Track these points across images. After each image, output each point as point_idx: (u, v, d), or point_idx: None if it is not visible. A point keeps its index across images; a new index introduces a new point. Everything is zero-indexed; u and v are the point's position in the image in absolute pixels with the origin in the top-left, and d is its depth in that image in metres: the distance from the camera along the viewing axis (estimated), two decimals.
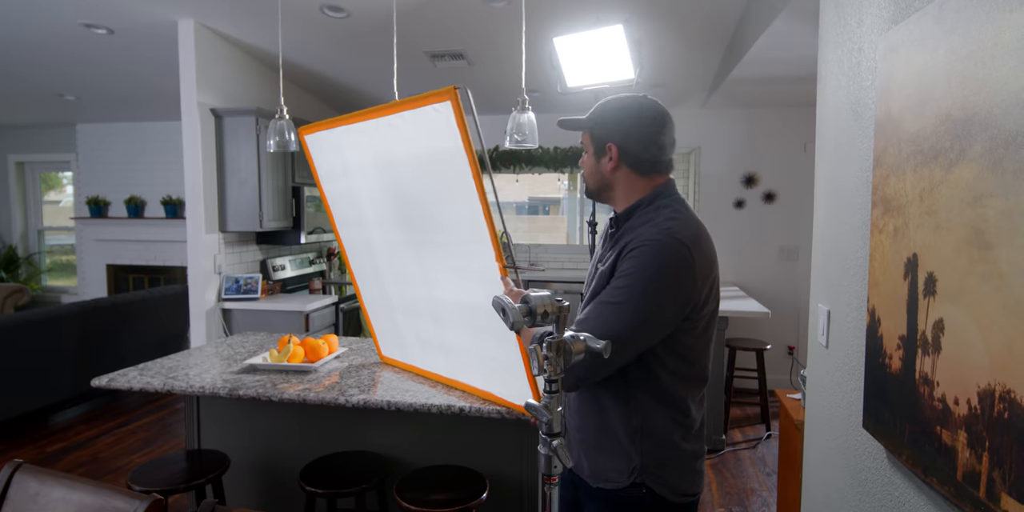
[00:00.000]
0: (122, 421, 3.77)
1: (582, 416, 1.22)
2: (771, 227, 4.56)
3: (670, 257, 1.07)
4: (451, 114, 1.40)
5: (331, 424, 2.06)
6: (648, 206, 1.19)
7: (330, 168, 2.01)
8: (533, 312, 0.84)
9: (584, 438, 1.21)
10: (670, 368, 1.14)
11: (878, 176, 1.21)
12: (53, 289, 6.29)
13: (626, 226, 1.20)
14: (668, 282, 1.07)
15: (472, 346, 1.74)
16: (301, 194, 3.87)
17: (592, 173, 1.24)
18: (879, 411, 1.16)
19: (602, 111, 1.23)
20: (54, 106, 5.04)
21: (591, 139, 1.23)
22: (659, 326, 1.09)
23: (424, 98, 1.45)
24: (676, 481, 1.16)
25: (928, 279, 0.99)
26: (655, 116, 1.20)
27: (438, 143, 1.48)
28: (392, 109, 1.57)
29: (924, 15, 1.05)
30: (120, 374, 1.94)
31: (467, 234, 1.53)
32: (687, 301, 1.10)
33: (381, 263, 1.99)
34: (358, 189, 1.91)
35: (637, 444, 1.15)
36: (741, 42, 3.11)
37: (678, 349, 1.14)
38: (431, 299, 1.83)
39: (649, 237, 1.09)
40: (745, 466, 3.18)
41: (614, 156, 1.20)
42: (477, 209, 1.45)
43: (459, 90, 1.38)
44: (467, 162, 1.42)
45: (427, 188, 1.63)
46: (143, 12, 3.09)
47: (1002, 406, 0.78)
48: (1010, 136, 0.79)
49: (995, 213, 0.82)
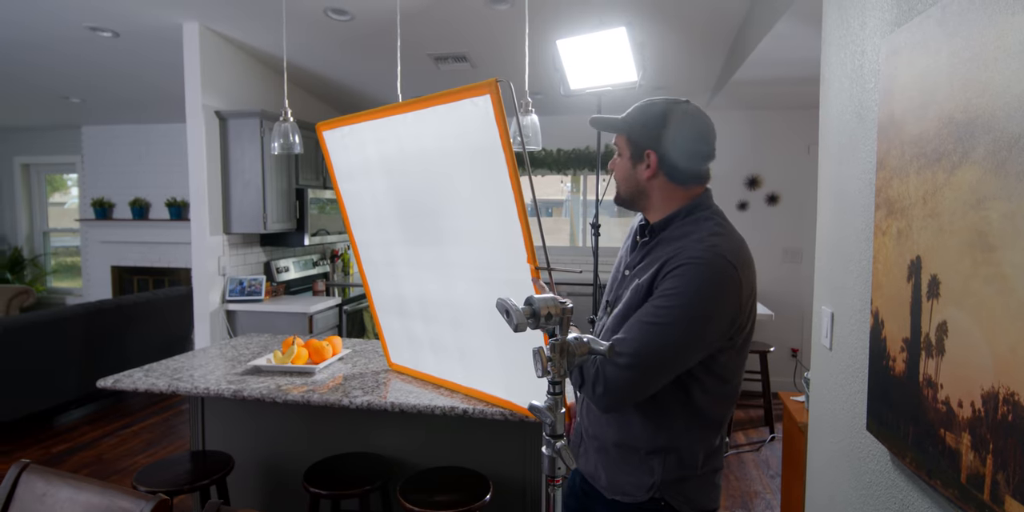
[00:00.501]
0: (127, 422, 3.78)
1: (603, 426, 1.18)
2: (774, 229, 4.56)
3: (717, 278, 1.03)
4: (490, 108, 1.33)
5: (335, 425, 2.07)
6: (686, 217, 1.15)
7: (349, 166, 1.94)
8: (537, 314, 0.84)
9: (603, 448, 1.18)
10: (706, 387, 1.10)
11: (881, 178, 1.21)
12: (58, 291, 6.32)
13: (662, 236, 1.15)
14: (714, 304, 1.03)
15: (495, 353, 1.68)
16: (305, 196, 3.88)
17: (626, 178, 1.19)
18: (883, 413, 1.16)
19: (642, 114, 1.17)
20: (59, 108, 5.07)
21: (627, 142, 1.17)
22: (702, 348, 1.05)
23: (462, 91, 1.38)
24: (696, 496, 1.13)
25: (932, 281, 0.99)
26: (698, 125, 1.16)
27: (473, 139, 1.41)
28: (425, 103, 1.50)
29: (927, 18, 1.05)
30: (125, 375, 1.95)
31: (498, 235, 1.47)
32: (732, 322, 1.06)
33: (399, 265, 1.92)
34: (379, 187, 1.84)
35: (660, 461, 1.11)
36: (744, 44, 3.12)
37: (715, 368, 1.10)
38: (453, 303, 1.76)
39: (695, 255, 1.04)
40: (749, 469, 3.17)
41: (652, 164, 1.15)
42: (511, 209, 1.39)
43: (500, 83, 1.31)
44: (504, 159, 1.35)
45: (458, 186, 1.56)
46: (148, 15, 3.11)
47: (1006, 409, 0.78)
48: (1013, 138, 0.80)
49: (998, 216, 0.82)
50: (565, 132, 4.75)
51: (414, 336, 2.00)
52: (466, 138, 1.45)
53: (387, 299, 2.07)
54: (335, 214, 4.29)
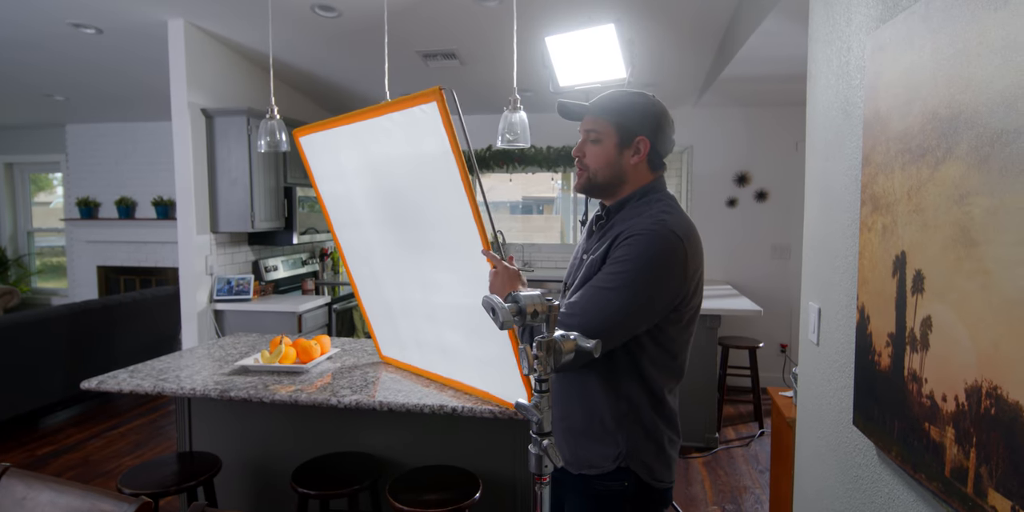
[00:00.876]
0: (113, 423, 3.74)
1: (567, 403, 1.23)
2: (763, 225, 4.58)
3: (664, 247, 1.10)
4: (437, 115, 1.40)
5: (323, 425, 2.05)
6: (640, 199, 1.21)
7: (325, 170, 2.00)
8: (523, 311, 0.83)
9: (569, 426, 1.23)
10: (652, 357, 1.17)
11: (867, 174, 1.22)
12: (43, 291, 6.24)
13: (616, 218, 1.22)
14: (661, 271, 1.10)
15: (467, 346, 1.74)
16: (293, 194, 3.85)
17: (608, 164, 1.22)
18: (869, 408, 1.16)
19: (626, 103, 1.22)
20: (43, 107, 5.00)
21: (616, 128, 1.21)
22: (649, 313, 1.11)
23: (411, 99, 1.45)
24: (656, 468, 1.20)
25: (916, 277, 1.00)
26: (670, 115, 1.25)
27: (426, 144, 1.48)
28: (381, 110, 1.57)
29: (911, 14, 1.05)
30: (110, 376, 1.93)
31: (459, 234, 1.53)
32: (677, 292, 1.13)
33: (378, 265, 1.98)
34: (353, 191, 1.90)
35: (624, 430, 1.17)
36: (732, 41, 3.12)
37: (662, 340, 1.17)
38: (427, 301, 1.83)
39: (644, 227, 1.11)
40: (738, 464, 3.19)
41: (644, 150, 1.21)
42: (467, 209, 1.44)
43: (444, 91, 1.38)
44: (455, 162, 1.42)
45: (419, 189, 1.63)
46: (132, 12, 3.07)
47: (989, 402, 0.78)
48: (995, 134, 0.80)
49: (981, 211, 0.83)
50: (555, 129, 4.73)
51: (399, 331, 2.05)
52: (420, 144, 1.51)
53: (372, 297, 2.13)
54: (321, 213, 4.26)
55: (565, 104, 1.24)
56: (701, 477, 3.04)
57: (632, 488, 1.18)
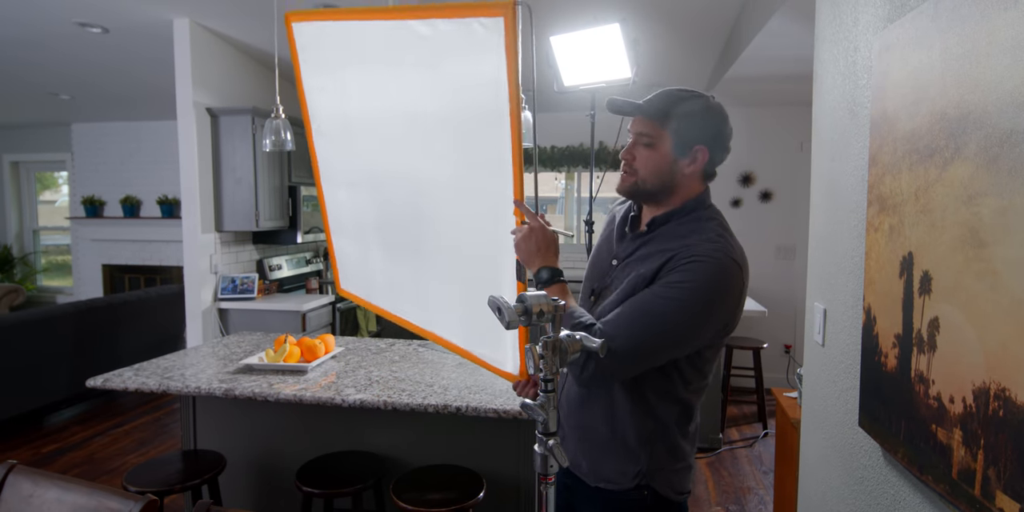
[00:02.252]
0: (118, 422, 3.76)
1: (590, 416, 1.19)
2: (768, 226, 4.57)
3: (726, 278, 1.04)
4: (501, 34, 1.12)
5: (328, 424, 2.06)
6: (689, 214, 1.14)
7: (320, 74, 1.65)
8: (529, 311, 0.83)
9: (589, 438, 1.19)
10: (687, 379, 1.13)
11: (874, 175, 1.21)
12: (48, 289, 6.27)
13: (661, 230, 1.14)
14: (716, 302, 1.04)
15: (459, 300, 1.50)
16: (298, 193, 3.86)
17: (660, 172, 1.13)
18: (875, 409, 1.16)
19: (686, 107, 1.12)
20: (49, 105, 5.02)
21: (674, 134, 1.12)
22: (694, 342, 1.07)
23: (470, 7, 1.16)
24: (678, 481, 1.17)
25: (923, 277, 0.99)
26: (729, 121, 1.16)
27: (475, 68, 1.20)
28: (424, 12, 1.24)
29: (920, 14, 1.05)
30: (115, 374, 1.94)
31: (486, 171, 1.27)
32: (727, 322, 1.08)
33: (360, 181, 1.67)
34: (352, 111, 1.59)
35: (647, 449, 1.13)
36: (737, 41, 3.12)
37: (699, 363, 1.13)
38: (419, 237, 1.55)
39: (706, 252, 1.04)
40: (742, 464, 3.18)
41: (701, 160, 1.12)
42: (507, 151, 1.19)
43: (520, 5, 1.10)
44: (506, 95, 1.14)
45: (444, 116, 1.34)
46: (138, 11, 3.08)
47: (997, 404, 0.78)
48: (1004, 134, 0.80)
49: (989, 212, 0.82)
50: (559, 129, 4.74)
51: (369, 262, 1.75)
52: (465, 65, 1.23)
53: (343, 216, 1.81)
54: None
55: (616, 101, 1.14)
56: (705, 478, 3.03)
57: (650, 500, 1.15)
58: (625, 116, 1.18)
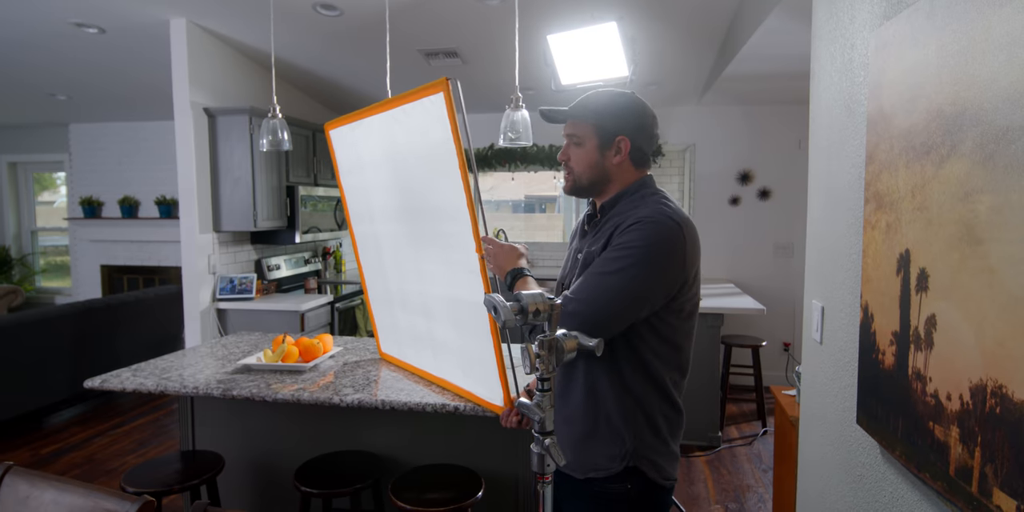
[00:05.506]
0: (117, 422, 3.75)
1: (570, 404, 1.23)
2: (766, 224, 4.57)
3: (664, 234, 1.12)
4: (443, 105, 1.41)
5: (326, 424, 2.06)
6: (634, 195, 1.23)
7: (347, 163, 2.07)
8: (524, 310, 0.83)
9: (572, 430, 1.22)
10: (654, 349, 1.18)
11: (870, 172, 1.21)
12: (47, 290, 6.26)
13: (612, 212, 1.23)
14: (660, 257, 1.11)
15: (455, 342, 1.74)
16: (295, 193, 3.86)
17: (591, 166, 1.24)
18: (873, 407, 1.16)
19: (603, 104, 1.23)
20: (46, 106, 5.01)
21: (596, 131, 1.23)
22: (649, 297, 1.12)
23: (420, 91, 1.48)
24: (663, 464, 1.19)
25: (920, 275, 0.99)
26: (651, 111, 1.27)
27: (433, 135, 1.50)
28: (396, 103, 1.61)
29: (915, 11, 1.05)
30: (113, 375, 1.93)
31: (454, 226, 1.54)
32: (676, 277, 1.14)
33: (385, 257, 2.01)
34: (369, 183, 1.95)
35: (630, 426, 1.17)
36: (735, 39, 3.11)
37: (663, 330, 1.17)
38: (423, 292, 1.84)
39: (644, 215, 1.13)
40: (741, 462, 3.18)
41: (624, 149, 1.22)
42: (463, 201, 1.46)
43: (451, 81, 1.39)
44: (454, 152, 1.44)
45: (424, 180, 1.65)
46: (135, 11, 3.07)
47: (994, 401, 0.78)
48: (1000, 131, 0.79)
49: (985, 208, 0.82)
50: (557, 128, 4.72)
51: (397, 326, 2.07)
52: (427, 134, 1.53)
53: (376, 288, 2.17)
54: (327, 212, 4.27)
55: (546, 111, 1.27)
56: (704, 476, 3.03)
57: (636, 488, 1.17)
58: (555, 123, 1.30)
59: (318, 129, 4.21)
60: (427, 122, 1.51)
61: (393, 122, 1.67)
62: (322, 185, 4.29)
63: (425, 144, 1.56)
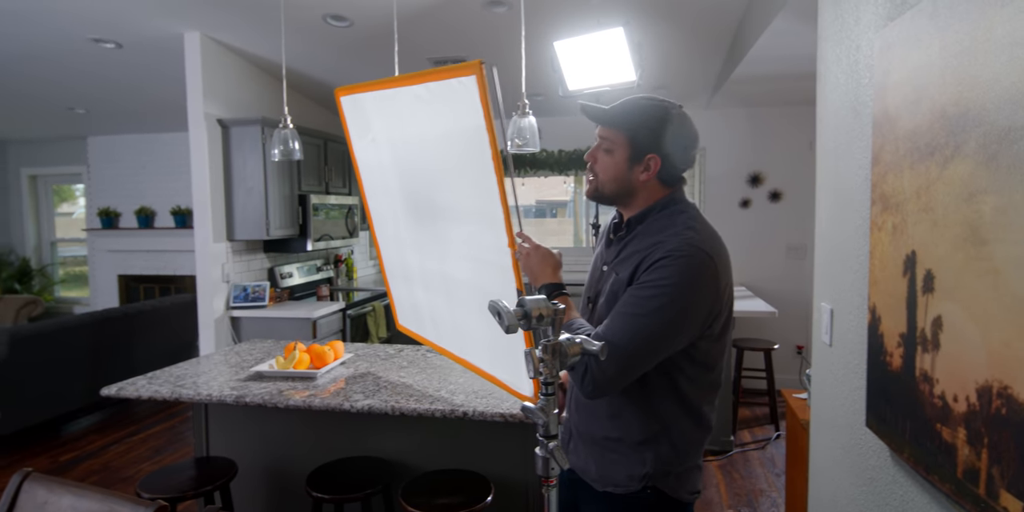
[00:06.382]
0: (133, 430, 3.80)
1: (595, 420, 1.20)
2: (778, 226, 4.54)
3: (697, 270, 1.07)
4: (475, 89, 1.34)
5: (337, 430, 2.07)
6: (661, 212, 1.18)
7: (360, 133, 1.98)
8: (528, 315, 0.84)
9: (595, 442, 1.20)
10: (689, 375, 1.14)
11: (876, 173, 1.21)
12: (66, 300, 6.37)
13: (639, 230, 1.19)
14: (693, 294, 1.07)
15: (482, 330, 1.69)
16: (307, 202, 3.90)
17: (616, 178, 1.19)
18: (881, 409, 1.15)
19: (644, 116, 1.17)
20: (65, 119, 5.12)
21: (628, 142, 1.17)
22: (683, 335, 1.09)
23: (450, 70, 1.39)
24: (686, 481, 1.17)
25: (926, 276, 0.99)
26: (693, 131, 1.20)
27: (460, 118, 1.43)
28: (419, 78, 1.52)
29: (919, 12, 1.05)
30: (129, 383, 1.97)
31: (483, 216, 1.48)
32: (710, 311, 1.11)
33: (403, 230, 1.96)
34: (384, 159, 1.88)
35: (653, 451, 1.14)
36: (743, 41, 3.11)
37: (697, 356, 1.14)
38: (446, 276, 1.79)
39: (674, 248, 1.08)
40: (754, 467, 3.15)
41: (654, 168, 1.17)
42: (495, 189, 1.39)
43: (484, 65, 1.31)
44: (487, 140, 1.36)
45: (446, 164, 1.59)
46: (150, 26, 3.14)
47: (1000, 402, 0.77)
48: (1003, 131, 0.79)
49: (990, 209, 0.82)
50: (566, 133, 4.75)
51: (417, 303, 2.04)
52: (454, 117, 1.46)
53: (394, 264, 2.13)
54: (338, 219, 4.31)
55: (586, 107, 1.20)
56: (716, 480, 3.01)
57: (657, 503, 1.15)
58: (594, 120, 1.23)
59: (329, 138, 4.26)
60: (455, 105, 1.42)
61: (415, 99, 1.58)
62: (333, 193, 4.34)
63: (448, 126, 1.49)
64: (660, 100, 1.19)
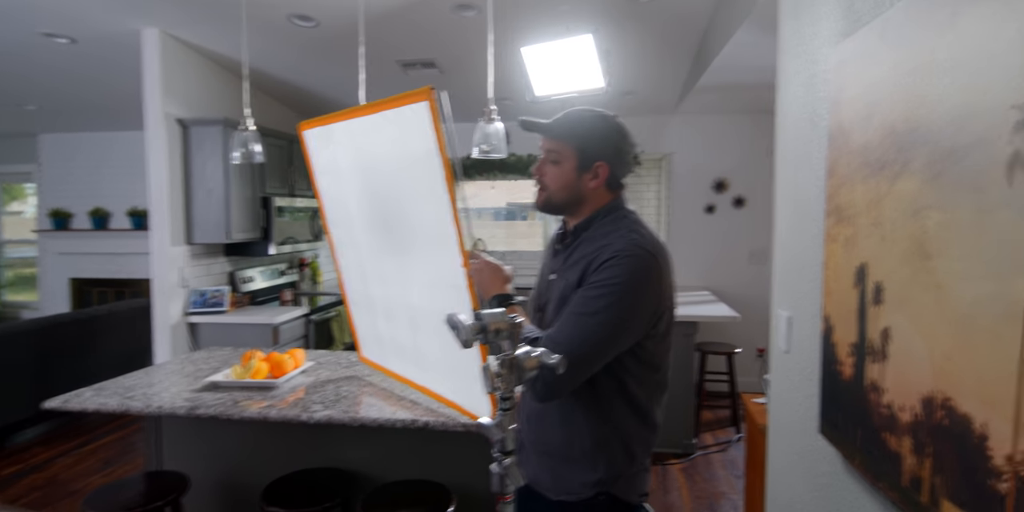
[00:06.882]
0: (83, 441, 3.65)
1: (546, 428, 1.22)
2: (741, 232, 4.64)
3: (643, 269, 1.11)
4: (427, 115, 1.38)
5: (296, 440, 2.02)
6: (606, 217, 1.23)
7: (322, 165, 2.02)
8: (486, 329, 0.83)
9: (547, 451, 1.22)
10: (637, 376, 1.17)
11: (831, 186, 1.24)
12: (13, 305, 6.09)
13: (584, 236, 1.22)
14: (638, 293, 1.11)
15: (440, 354, 1.73)
16: (270, 205, 3.82)
17: (566, 186, 1.23)
18: (834, 417, 1.18)
19: (588, 126, 1.22)
20: (13, 116, 4.90)
21: (576, 152, 1.21)
22: (631, 333, 1.12)
23: (402, 98, 1.44)
24: (637, 484, 1.21)
25: (876, 288, 1.01)
26: (632, 139, 1.25)
27: (414, 144, 1.46)
28: (375, 108, 1.57)
29: (870, 30, 1.08)
30: (74, 395, 1.88)
31: (439, 239, 1.51)
32: (655, 310, 1.14)
33: (366, 264, 1.98)
34: (346, 189, 1.90)
35: (605, 456, 1.16)
36: (708, 50, 3.17)
37: (643, 356, 1.17)
38: (409, 305, 1.81)
39: (620, 248, 1.12)
40: (716, 469, 3.20)
41: (602, 175, 1.21)
42: (448, 213, 1.43)
43: (435, 91, 1.36)
44: (441, 165, 1.39)
45: (404, 190, 1.61)
46: (106, 21, 3.03)
47: (942, 413, 0.80)
48: (947, 151, 0.82)
49: (934, 224, 0.84)
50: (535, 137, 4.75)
51: (379, 334, 2.05)
52: (408, 144, 1.50)
53: (357, 295, 2.14)
54: (304, 221, 4.23)
55: (527, 122, 1.25)
56: (679, 484, 3.04)
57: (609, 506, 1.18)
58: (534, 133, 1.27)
59: (295, 139, 4.17)
60: (410, 131, 1.46)
61: (373, 128, 1.62)
62: (299, 195, 4.25)
63: (408, 154, 1.52)
64: (599, 111, 1.25)
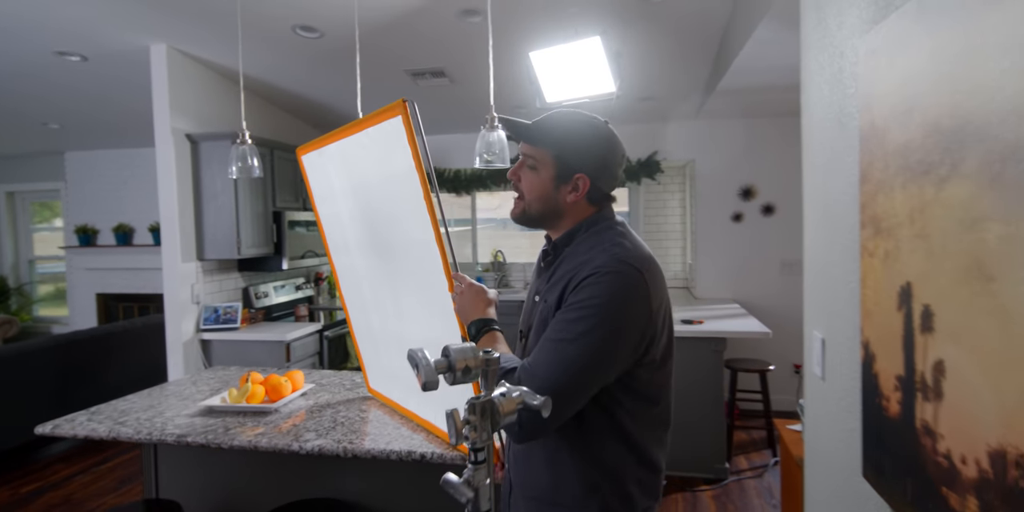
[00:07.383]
0: (102, 458, 3.63)
1: (532, 470, 1.08)
2: (772, 241, 4.42)
3: (626, 286, 0.96)
4: (402, 129, 1.30)
5: (295, 469, 1.92)
6: (589, 230, 1.08)
7: (319, 190, 1.95)
8: (452, 367, 0.71)
9: (535, 496, 1.07)
10: (631, 410, 1.02)
11: (866, 193, 1.09)
12: (45, 319, 6.20)
13: (566, 252, 1.09)
14: (625, 314, 0.96)
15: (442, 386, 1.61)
16: (282, 219, 3.77)
17: (542, 197, 1.09)
18: (879, 460, 1.02)
19: (569, 133, 1.07)
20: (40, 135, 5.00)
21: (554, 161, 1.07)
22: (618, 362, 0.97)
23: (381, 114, 1.37)
24: None
25: (924, 313, 0.86)
26: (621, 149, 1.11)
27: (394, 160, 1.39)
28: (359, 127, 1.50)
29: (903, 14, 0.93)
30: (66, 420, 1.82)
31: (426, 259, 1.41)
32: (644, 333, 0.99)
33: (365, 293, 1.89)
34: (341, 212, 1.83)
35: (597, 501, 1.01)
36: (727, 51, 3.01)
37: (637, 387, 1.02)
38: (402, 333, 1.73)
39: (600, 264, 0.98)
40: (750, 497, 2.99)
41: (582, 188, 1.07)
42: (430, 231, 1.34)
43: (408, 103, 1.28)
44: (418, 180, 1.32)
45: (390, 210, 1.53)
46: (114, 38, 3.04)
47: (1017, 474, 0.64)
48: (1009, 148, 0.67)
49: (995, 238, 0.69)
50: None
51: (383, 365, 1.95)
52: (389, 161, 1.41)
53: (360, 324, 2.05)
54: (319, 236, 4.18)
55: (506, 121, 1.10)
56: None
57: None
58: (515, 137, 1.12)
59: None
60: (392, 148, 1.38)
61: (358, 147, 1.56)
62: (310, 209, 4.20)
63: (392, 172, 1.44)
64: (587, 115, 1.10)
